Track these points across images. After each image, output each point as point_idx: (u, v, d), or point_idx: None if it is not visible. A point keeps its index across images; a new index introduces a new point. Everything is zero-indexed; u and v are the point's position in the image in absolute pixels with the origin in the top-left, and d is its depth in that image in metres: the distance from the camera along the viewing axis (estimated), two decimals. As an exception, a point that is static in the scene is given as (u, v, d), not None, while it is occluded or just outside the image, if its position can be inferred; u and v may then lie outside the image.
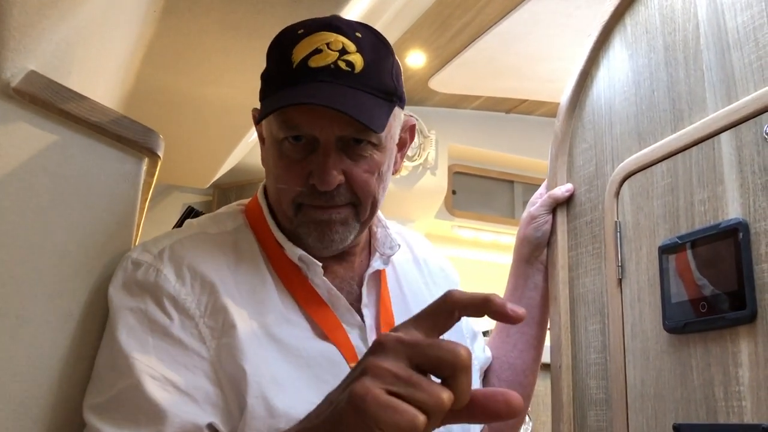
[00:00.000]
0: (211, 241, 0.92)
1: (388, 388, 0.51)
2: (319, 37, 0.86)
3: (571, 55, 1.14)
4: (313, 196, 0.88)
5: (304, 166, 0.87)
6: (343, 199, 0.89)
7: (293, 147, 0.88)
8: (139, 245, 0.90)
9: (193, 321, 0.83)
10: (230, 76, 1.70)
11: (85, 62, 1.02)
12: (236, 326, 0.83)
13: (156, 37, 1.40)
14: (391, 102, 0.90)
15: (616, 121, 1.02)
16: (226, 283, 0.86)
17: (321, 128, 0.85)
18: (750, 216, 0.76)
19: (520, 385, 1.14)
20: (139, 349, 0.80)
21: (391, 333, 0.55)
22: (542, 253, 1.13)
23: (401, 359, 0.52)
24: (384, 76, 0.89)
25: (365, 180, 0.89)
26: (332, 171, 0.86)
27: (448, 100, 3.91)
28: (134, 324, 0.81)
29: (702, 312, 0.80)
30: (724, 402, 0.77)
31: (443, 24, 2.97)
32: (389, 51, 0.92)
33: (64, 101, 0.84)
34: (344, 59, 0.85)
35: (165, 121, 2.02)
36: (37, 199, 0.82)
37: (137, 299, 0.83)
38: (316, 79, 0.84)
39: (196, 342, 0.82)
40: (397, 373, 0.51)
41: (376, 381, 0.51)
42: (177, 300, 0.83)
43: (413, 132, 1.02)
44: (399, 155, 1.00)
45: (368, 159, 0.89)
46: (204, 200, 4.04)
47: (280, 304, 0.89)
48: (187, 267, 0.86)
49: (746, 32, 0.81)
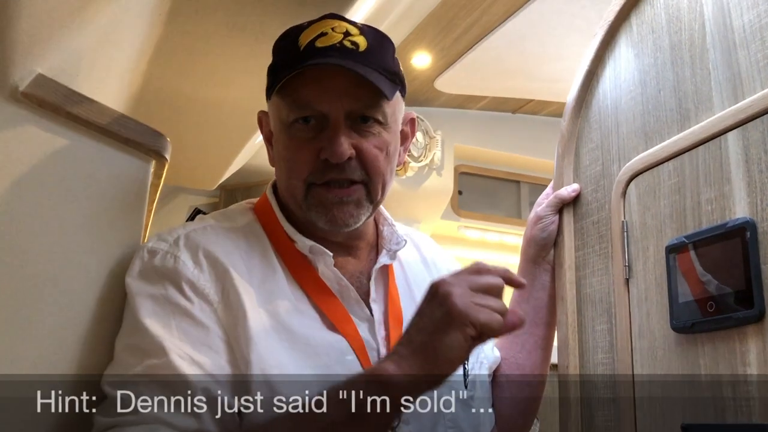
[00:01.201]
0: (224, 232, 0.93)
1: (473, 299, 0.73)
2: (323, 24, 0.91)
3: (577, 55, 1.14)
4: (324, 172, 0.89)
5: (315, 144, 0.89)
6: (354, 174, 0.90)
7: (303, 128, 0.90)
8: (153, 235, 0.91)
9: (211, 306, 0.84)
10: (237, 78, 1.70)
11: (93, 65, 1.03)
12: (248, 315, 0.84)
13: (162, 39, 1.40)
14: (395, 83, 0.93)
15: (623, 121, 1.02)
16: (239, 271, 0.88)
17: (330, 104, 0.88)
18: (757, 215, 0.76)
19: (529, 385, 1.13)
20: (165, 330, 0.81)
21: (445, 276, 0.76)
22: (549, 254, 1.13)
23: (465, 285, 0.74)
24: (387, 59, 0.93)
25: (375, 155, 0.91)
26: (343, 143, 0.88)
27: (454, 100, 3.91)
28: (156, 309, 0.83)
29: (709, 311, 0.80)
30: (732, 401, 0.77)
31: (448, 24, 2.96)
32: (389, 41, 0.95)
33: (71, 104, 0.84)
34: (349, 39, 0.89)
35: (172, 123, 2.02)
36: (45, 201, 0.82)
37: (157, 285, 0.84)
38: (323, 56, 0.88)
39: (216, 326, 0.83)
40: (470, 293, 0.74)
41: (463, 296, 0.73)
42: (196, 285, 0.85)
43: (413, 126, 1.04)
44: (402, 149, 1.01)
45: (377, 136, 0.91)
46: (211, 202, 4.05)
47: (290, 294, 0.90)
48: (204, 253, 0.88)
49: (752, 31, 0.81)
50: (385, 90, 0.88)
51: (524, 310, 1.14)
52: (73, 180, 0.86)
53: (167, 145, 0.97)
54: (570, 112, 1.14)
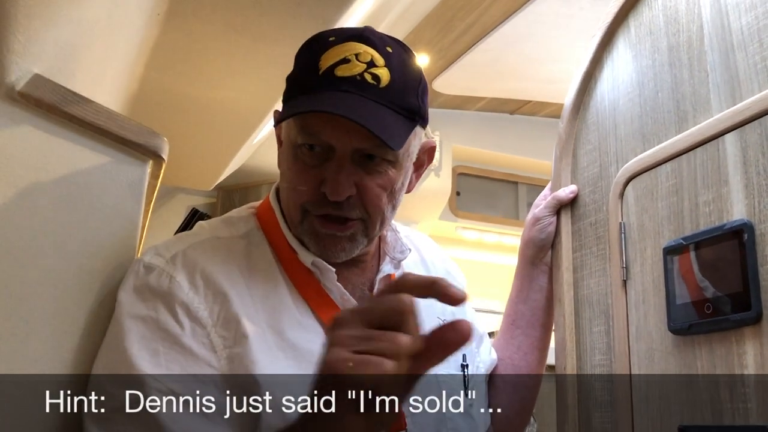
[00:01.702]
0: (224, 246, 0.91)
1: (353, 349, 0.58)
2: (348, 47, 0.86)
3: (575, 56, 1.14)
4: (321, 204, 0.87)
5: (318, 173, 0.87)
6: (353, 213, 0.88)
7: (309, 153, 0.87)
8: (150, 248, 0.90)
9: (205, 330, 0.82)
10: (234, 78, 1.70)
11: (90, 65, 1.03)
12: (248, 336, 0.82)
13: (160, 39, 1.41)
14: (413, 121, 0.89)
15: (620, 123, 1.02)
16: (239, 290, 0.86)
17: (338, 138, 0.85)
18: (755, 217, 0.76)
19: (525, 386, 1.13)
20: (149, 360, 0.79)
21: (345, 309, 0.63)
22: (547, 255, 1.13)
23: (356, 324, 0.60)
24: (409, 94, 0.88)
25: (377, 195, 0.88)
26: (344, 182, 0.85)
27: (452, 101, 3.91)
28: (144, 332, 0.81)
29: (707, 313, 0.80)
30: (729, 403, 0.77)
31: (447, 25, 2.97)
32: (418, 70, 0.91)
33: (68, 104, 0.84)
34: (371, 72, 0.85)
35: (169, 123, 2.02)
36: (41, 201, 0.82)
37: (148, 305, 0.83)
38: (340, 89, 0.84)
39: (207, 352, 0.81)
40: (356, 335, 0.59)
41: (341, 348, 0.59)
42: (190, 308, 0.83)
43: (432, 154, 1.01)
44: (415, 175, 0.98)
45: (383, 174, 0.88)
46: (208, 202, 4.04)
47: (294, 308, 0.89)
48: (201, 274, 0.85)
49: (750, 33, 0.81)
50: (397, 136, 0.85)
51: (521, 311, 1.14)
52: (70, 180, 0.85)
53: (164, 145, 0.97)
54: (568, 113, 1.14)
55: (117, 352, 0.81)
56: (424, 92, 0.92)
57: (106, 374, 0.81)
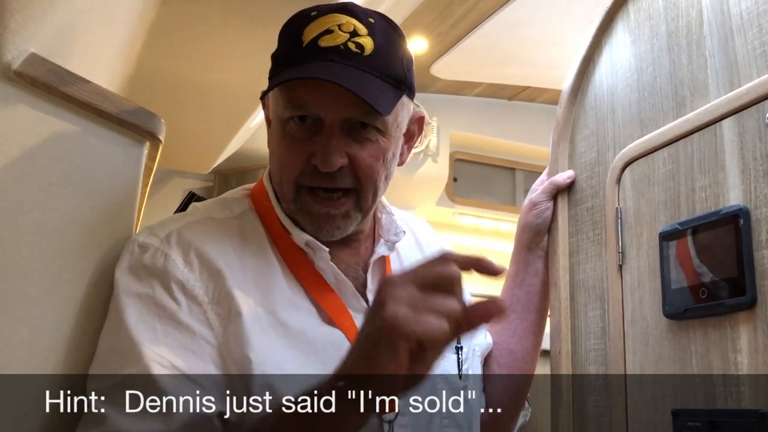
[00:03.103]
0: (218, 226, 0.92)
1: (411, 306, 0.61)
2: (330, 19, 0.86)
3: (574, 41, 1.14)
4: (313, 176, 0.87)
5: (308, 146, 0.87)
6: (345, 182, 0.88)
7: (298, 127, 0.87)
8: (144, 228, 0.90)
9: (201, 307, 0.83)
10: (232, 61, 1.69)
11: (87, 46, 1.02)
12: (242, 313, 0.83)
13: (158, 21, 1.40)
14: (399, 89, 0.89)
15: (618, 108, 1.02)
16: (232, 269, 0.86)
17: (327, 108, 0.85)
18: (751, 202, 0.76)
19: (520, 371, 1.14)
20: (148, 335, 0.80)
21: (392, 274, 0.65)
22: (543, 240, 1.14)
23: (408, 286, 0.63)
24: (394, 63, 0.88)
25: (369, 164, 0.88)
26: (335, 152, 0.85)
27: (450, 86, 3.90)
28: (142, 309, 0.81)
29: (702, 298, 0.80)
30: (722, 387, 0.77)
31: (445, 10, 2.95)
32: (401, 39, 0.91)
33: (65, 84, 0.83)
34: (354, 41, 0.85)
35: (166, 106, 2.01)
36: (38, 182, 0.82)
37: (145, 284, 0.83)
38: (324, 58, 0.84)
39: (204, 328, 0.82)
40: (412, 295, 0.62)
41: (399, 303, 0.61)
42: (185, 286, 0.83)
43: (422, 124, 1.01)
44: (406, 147, 0.99)
45: (373, 143, 0.88)
46: (205, 186, 4.04)
47: (287, 289, 0.89)
48: (195, 252, 0.86)
49: (750, 18, 0.81)
50: (384, 102, 0.85)
51: (517, 295, 1.14)
52: (66, 160, 0.85)
53: (162, 126, 0.97)
54: (566, 98, 1.14)
55: (117, 330, 0.81)
56: (409, 62, 0.92)
57: (107, 349, 0.82)
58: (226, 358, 0.81)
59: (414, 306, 0.61)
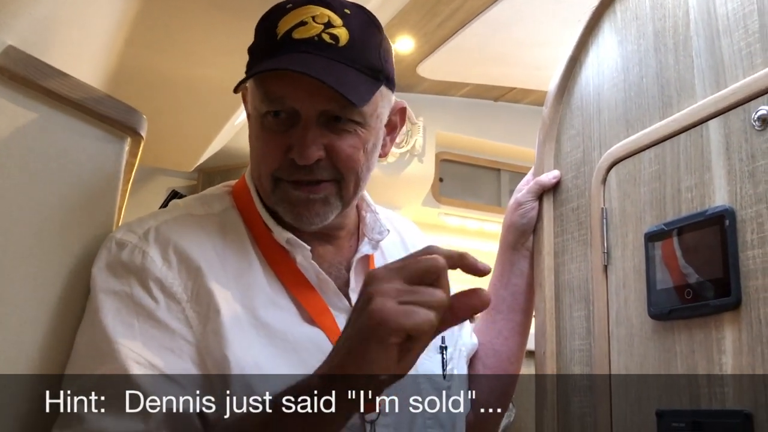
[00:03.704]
0: (198, 223, 0.90)
1: (398, 300, 0.62)
2: (305, 11, 0.85)
3: (561, 42, 1.14)
4: (291, 170, 0.86)
5: (285, 139, 0.86)
6: (324, 174, 0.87)
7: (275, 120, 0.86)
8: (123, 225, 0.88)
9: (179, 305, 0.81)
10: (216, 57, 1.68)
11: (67, 39, 1.00)
12: (221, 312, 0.82)
13: (140, 15, 1.38)
14: (377, 80, 0.88)
15: (605, 108, 1.02)
16: (212, 266, 0.85)
17: (302, 101, 0.84)
18: (737, 203, 0.76)
19: (505, 371, 1.13)
20: (125, 333, 0.78)
21: (377, 267, 0.67)
22: (528, 240, 1.13)
23: (395, 279, 0.63)
24: (370, 53, 0.87)
25: (348, 155, 0.87)
26: (311, 145, 0.84)
27: (437, 86, 3.90)
28: (119, 307, 0.80)
29: (687, 299, 0.80)
30: (707, 388, 0.77)
31: (432, 9, 2.95)
32: (378, 30, 0.90)
33: (44, 78, 0.82)
34: (328, 32, 0.84)
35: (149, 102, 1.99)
36: (16, 177, 0.80)
37: (122, 281, 0.82)
38: (298, 50, 0.83)
39: (183, 326, 0.81)
40: (399, 288, 0.63)
41: (386, 297, 0.62)
42: (163, 283, 0.82)
43: (403, 115, 1.00)
44: (388, 138, 0.98)
45: (352, 135, 0.87)
46: (189, 184, 4.01)
47: (267, 287, 0.88)
48: (174, 249, 0.84)
49: (736, 19, 0.81)
50: (359, 93, 0.84)
51: (502, 296, 1.14)
52: (45, 156, 0.83)
53: (143, 122, 0.95)
54: (552, 98, 1.13)
55: (94, 328, 0.80)
56: (386, 53, 0.91)
57: (84, 348, 0.80)
58: (205, 356, 0.80)
59: (401, 299, 0.62)
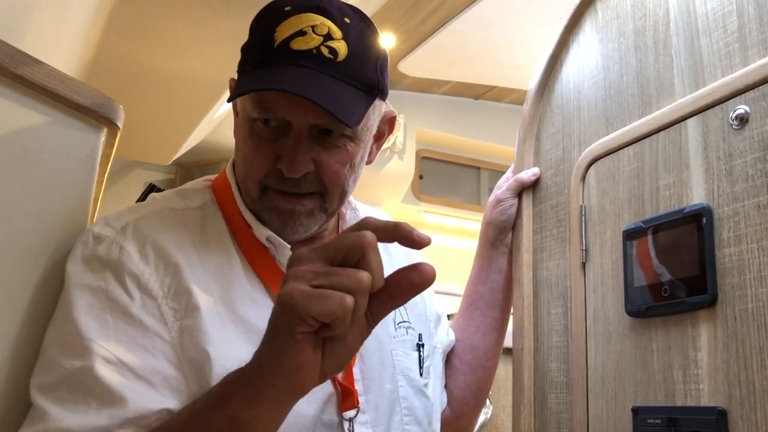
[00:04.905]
0: (177, 217, 0.89)
1: (311, 283, 0.57)
2: (305, 18, 0.83)
3: (542, 42, 1.14)
4: (279, 179, 0.86)
5: (274, 148, 0.85)
6: (310, 187, 0.86)
7: (265, 128, 0.85)
8: (100, 219, 0.87)
9: (155, 302, 0.80)
10: (196, 48, 1.66)
11: (43, 27, 0.98)
12: (200, 308, 0.81)
13: (119, 4, 1.36)
14: (371, 95, 0.87)
15: (584, 106, 1.02)
16: (191, 262, 0.84)
17: (295, 114, 0.83)
18: (714, 201, 0.77)
19: (482, 367, 1.14)
20: (97, 329, 0.77)
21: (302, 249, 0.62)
22: (507, 237, 1.13)
23: (316, 260, 0.59)
24: (367, 68, 0.86)
25: (335, 171, 0.87)
26: (301, 159, 0.83)
27: (418, 84, 3.90)
28: (93, 302, 0.78)
29: (663, 296, 0.81)
30: (682, 385, 0.78)
31: (414, 6, 2.95)
32: (376, 40, 0.89)
33: (17, 65, 0.80)
34: (328, 45, 0.83)
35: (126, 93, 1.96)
36: (-13, 166, 0.78)
37: (97, 276, 0.80)
38: (296, 63, 0.82)
39: (158, 323, 0.79)
40: (315, 270, 0.58)
41: (299, 281, 0.58)
42: (140, 279, 0.80)
43: (393, 124, 0.99)
44: (375, 146, 0.97)
45: (341, 149, 0.87)
46: (166, 178, 3.97)
47: (247, 284, 0.87)
48: (152, 245, 0.83)
49: (715, 19, 0.81)
50: (354, 114, 0.83)
51: (480, 292, 1.14)
52: (17, 146, 0.81)
53: (120, 112, 0.94)
54: (533, 95, 1.13)
55: (66, 323, 0.78)
56: (383, 65, 0.90)
57: (54, 343, 0.78)
58: (179, 353, 0.79)
59: (313, 282, 0.57)
